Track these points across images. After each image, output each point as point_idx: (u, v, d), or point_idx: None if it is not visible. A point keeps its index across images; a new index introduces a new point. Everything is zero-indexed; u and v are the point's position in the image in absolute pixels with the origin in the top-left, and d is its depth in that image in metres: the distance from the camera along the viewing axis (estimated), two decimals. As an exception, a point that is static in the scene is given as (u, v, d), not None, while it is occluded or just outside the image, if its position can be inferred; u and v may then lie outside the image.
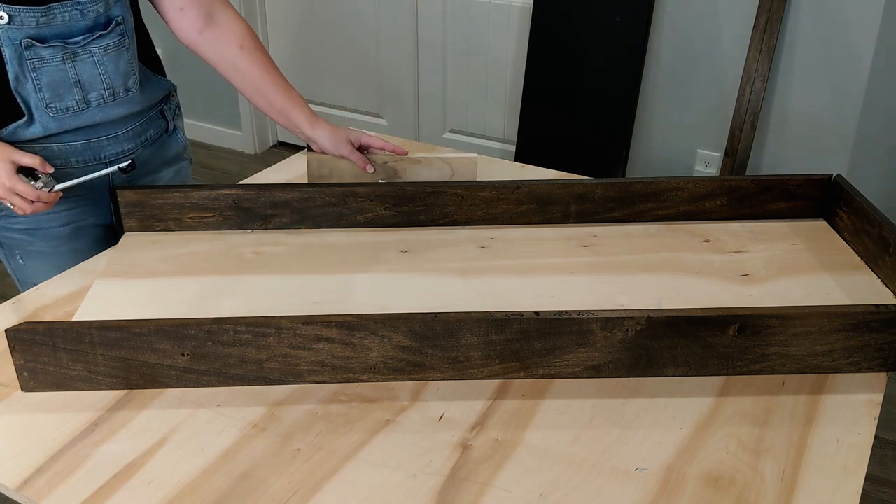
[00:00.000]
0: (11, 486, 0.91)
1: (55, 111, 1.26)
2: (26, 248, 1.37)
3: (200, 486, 0.91)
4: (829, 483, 0.91)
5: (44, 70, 1.23)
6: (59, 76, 1.25)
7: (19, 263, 1.40)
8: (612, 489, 0.91)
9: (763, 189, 1.40)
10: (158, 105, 1.44)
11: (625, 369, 1.07)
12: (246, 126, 3.63)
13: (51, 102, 1.26)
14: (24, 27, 1.20)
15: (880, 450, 2.05)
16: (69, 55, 1.24)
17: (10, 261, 1.41)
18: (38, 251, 1.37)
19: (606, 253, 1.33)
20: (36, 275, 1.38)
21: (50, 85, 1.25)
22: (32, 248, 1.37)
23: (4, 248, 1.39)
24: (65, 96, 1.26)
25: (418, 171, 1.45)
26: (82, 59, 1.26)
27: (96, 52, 1.26)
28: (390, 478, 0.93)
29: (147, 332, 1.02)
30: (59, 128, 1.28)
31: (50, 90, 1.25)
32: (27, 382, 1.05)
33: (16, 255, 1.39)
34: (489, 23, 2.99)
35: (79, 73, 1.26)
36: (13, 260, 1.40)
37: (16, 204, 1.18)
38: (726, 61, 2.63)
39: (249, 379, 1.06)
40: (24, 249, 1.38)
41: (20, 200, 1.17)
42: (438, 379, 1.07)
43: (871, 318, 1.05)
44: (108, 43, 1.27)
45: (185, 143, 1.53)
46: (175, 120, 1.49)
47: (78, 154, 1.32)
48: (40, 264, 1.38)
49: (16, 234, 1.35)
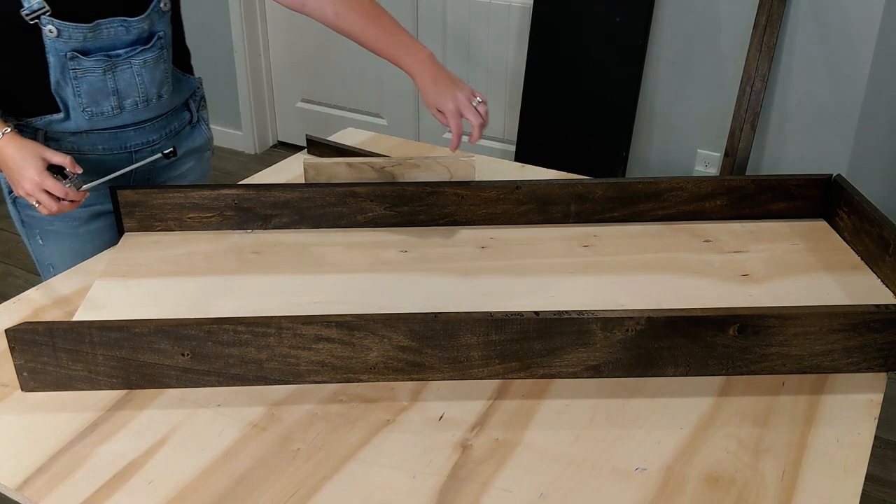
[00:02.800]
0: (11, 486, 0.91)
1: (90, 115, 1.31)
2: (45, 228, 1.40)
3: (200, 486, 0.91)
4: (829, 483, 0.91)
5: (84, 79, 1.28)
6: (98, 85, 1.29)
7: (39, 244, 1.43)
8: (612, 489, 0.91)
9: (763, 189, 1.40)
10: (184, 100, 1.47)
11: (625, 369, 1.07)
12: (246, 126, 3.63)
13: (87, 107, 1.30)
14: (70, 41, 1.24)
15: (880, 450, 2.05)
16: (110, 67, 1.29)
17: (31, 241, 1.44)
18: (57, 231, 1.40)
19: (606, 253, 1.32)
20: (52, 255, 1.42)
21: (88, 92, 1.29)
22: (51, 227, 1.40)
23: (26, 228, 1.43)
24: (101, 102, 1.31)
25: (416, 174, 1.45)
26: (121, 70, 1.30)
27: (136, 64, 1.31)
28: (390, 478, 0.93)
29: (147, 332, 1.02)
30: (90, 127, 1.33)
31: (88, 97, 1.30)
32: (27, 382, 1.05)
33: (36, 235, 1.42)
34: (489, 23, 2.99)
35: (117, 82, 1.30)
36: (33, 240, 1.43)
37: (42, 202, 1.19)
38: (726, 61, 2.63)
39: (249, 379, 1.06)
40: (44, 229, 1.41)
41: (47, 198, 1.19)
42: (438, 379, 1.07)
43: (871, 318, 1.05)
44: (147, 56, 1.32)
45: (208, 135, 1.56)
46: (200, 111, 1.52)
47: (105, 142, 1.36)
48: (58, 245, 1.41)
49: (37, 213, 1.38)
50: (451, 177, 1.46)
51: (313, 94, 3.53)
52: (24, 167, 1.17)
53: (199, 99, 1.51)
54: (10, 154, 1.18)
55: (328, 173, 1.45)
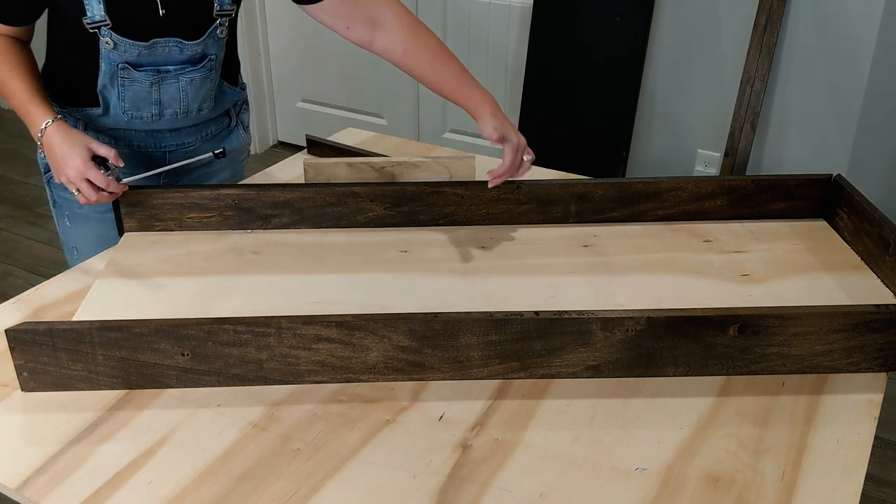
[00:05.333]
0: (11, 486, 0.91)
1: (129, 117, 1.35)
2: (75, 211, 1.43)
3: (200, 486, 0.91)
4: (829, 483, 0.91)
5: (130, 87, 1.32)
6: (142, 95, 1.33)
7: (66, 225, 1.46)
8: (612, 489, 0.91)
9: (763, 189, 1.40)
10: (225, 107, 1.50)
11: (625, 369, 1.07)
12: (246, 126, 3.63)
13: (128, 110, 1.34)
14: (125, 54, 1.28)
15: (880, 450, 2.05)
16: (157, 80, 1.32)
17: (60, 221, 1.47)
18: (85, 215, 1.43)
19: (606, 253, 1.32)
20: (78, 238, 1.45)
21: (132, 99, 1.34)
22: (80, 210, 1.42)
23: (56, 208, 1.47)
24: (143, 109, 1.36)
25: (416, 174, 1.45)
26: (167, 84, 1.33)
27: (182, 81, 1.34)
28: (390, 478, 0.93)
29: (147, 332, 1.02)
30: (127, 126, 1.37)
31: (131, 102, 1.34)
32: (27, 382, 1.05)
33: (64, 217, 1.45)
34: (489, 23, 2.99)
35: (161, 94, 1.34)
36: (62, 221, 1.46)
37: (83, 190, 1.21)
38: (726, 61, 2.63)
39: (249, 379, 1.06)
40: (73, 212, 1.44)
41: (87, 187, 1.21)
42: (438, 379, 1.07)
43: (871, 318, 1.05)
44: (195, 76, 1.35)
45: (244, 139, 1.57)
46: (240, 116, 1.54)
47: (141, 140, 1.41)
48: (84, 228, 1.44)
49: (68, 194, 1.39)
50: (451, 177, 1.46)
51: (313, 94, 3.53)
52: (70, 155, 1.19)
53: (240, 103, 1.54)
54: (58, 142, 1.20)
55: (328, 173, 1.45)
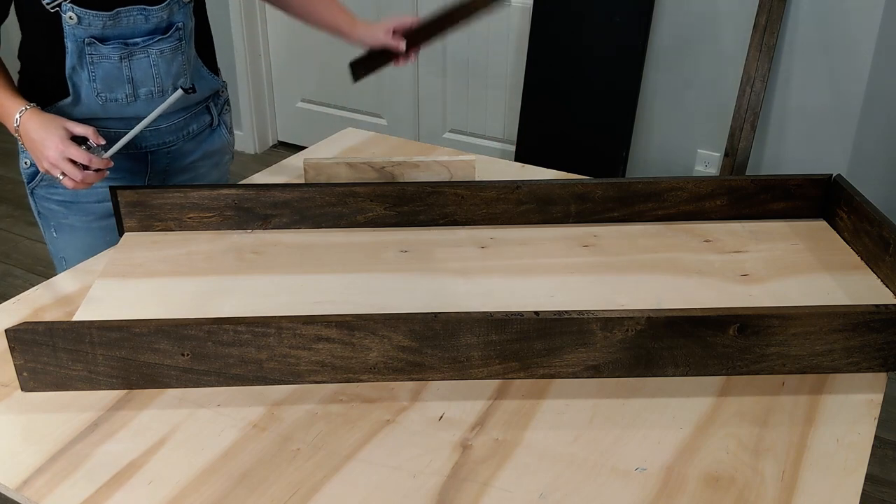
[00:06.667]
0: (11, 486, 0.91)
1: (104, 100, 1.31)
2: (60, 221, 1.41)
3: (200, 486, 0.91)
4: (829, 483, 0.91)
5: (100, 65, 1.28)
6: (113, 72, 1.29)
7: (53, 236, 1.44)
8: (612, 489, 0.91)
9: (763, 189, 1.40)
10: (205, 101, 1.47)
11: (625, 369, 1.07)
12: (246, 126, 3.63)
13: (101, 92, 1.30)
14: (90, 28, 1.25)
15: (880, 450, 2.05)
16: (126, 54, 1.29)
17: (46, 232, 1.45)
18: (71, 225, 1.41)
19: (606, 253, 1.32)
20: (66, 248, 1.43)
21: (103, 79, 1.29)
22: (66, 221, 1.40)
23: (41, 219, 1.44)
24: (116, 89, 1.31)
25: (416, 174, 1.45)
26: (138, 59, 1.30)
27: (153, 54, 1.31)
28: (390, 478, 0.93)
29: (147, 332, 1.02)
30: (104, 114, 1.33)
31: (102, 83, 1.30)
32: (27, 382, 1.05)
33: (50, 227, 1.43)
34: (489, 22, 2.99)
35: (133, 70, 1.30)
36: (48, 232, 1.44)
37: (67, 172, 1.19)
38: (726, 61, 2.63)
39: (249, 379, 1.06)
40: (59, 222, 1.41)
41: (71, 167, 1.18)
42: (438, 379, 1.07)
43: (871, 318, 1.05)
44: (165, 46, 1.32)
45: (227, 139, 1.56)
46: (221, 115, 1.52)
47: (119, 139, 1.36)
48: (71, 238, 1.42)
49: (53, 205, 1.39)
50: (451, 177, 1.46)
51: (313, 94, 3.53)
52: (48, 137, 1.18)
53: (221, 102, 1.52)
54: (34, 127, 1.19)
55: (328, 173, 1.45)
